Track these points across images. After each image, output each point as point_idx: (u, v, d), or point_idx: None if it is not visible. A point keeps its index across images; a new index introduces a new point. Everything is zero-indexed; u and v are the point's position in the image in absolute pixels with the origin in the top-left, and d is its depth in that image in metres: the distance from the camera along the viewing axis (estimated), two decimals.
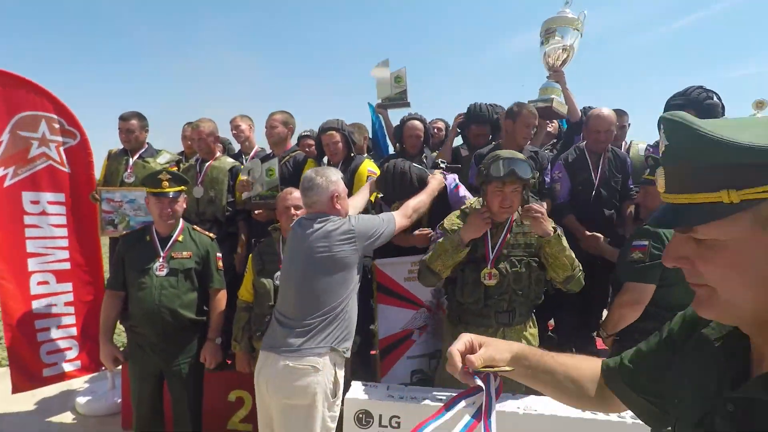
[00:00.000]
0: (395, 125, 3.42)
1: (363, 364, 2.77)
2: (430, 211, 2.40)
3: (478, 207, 2.04)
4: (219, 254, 2.54)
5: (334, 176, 1.98)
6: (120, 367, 2.69)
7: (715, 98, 2.41)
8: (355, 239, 1.91)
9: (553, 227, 1.93)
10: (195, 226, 2.56)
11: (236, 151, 3.96)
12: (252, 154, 3.63)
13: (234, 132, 3.68)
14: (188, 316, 2.35)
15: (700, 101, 2.40)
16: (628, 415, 1.74)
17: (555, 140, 3.51)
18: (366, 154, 3.27)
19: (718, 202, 0.53)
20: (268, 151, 3.52)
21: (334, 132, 2.91)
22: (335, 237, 1.88)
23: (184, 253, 2.38)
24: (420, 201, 2.19)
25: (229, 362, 2.66)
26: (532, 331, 2.13)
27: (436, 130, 3.77)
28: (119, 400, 3.11)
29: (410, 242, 2.51)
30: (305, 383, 1.82)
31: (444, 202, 2.46)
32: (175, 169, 3.54)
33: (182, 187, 2.39)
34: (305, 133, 4.11)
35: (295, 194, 2.37)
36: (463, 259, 1.99)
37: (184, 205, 2.45)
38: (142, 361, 2.38)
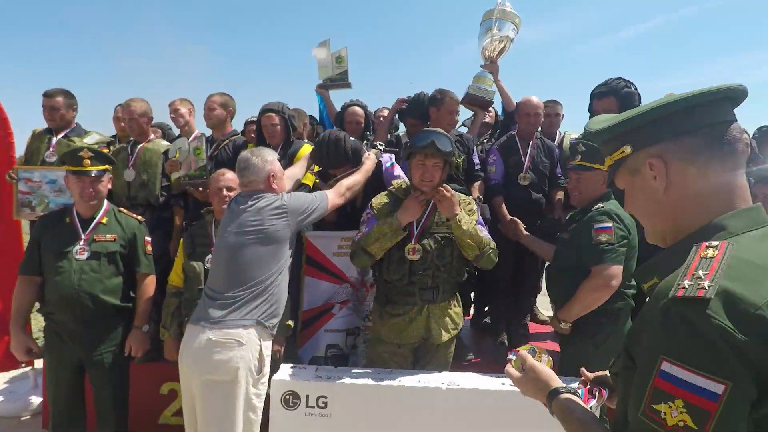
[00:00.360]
0: (337, 111, 3.41)
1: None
2: (364, 192, 2.42)
3: (404, 187, 2.12)
4: (148, 238, 2.43)
5: (270, 156, 2.02)
6: (42, 363, 2.53)
7: (632, 88, 2.60)
8: (287, 214, 1.94)
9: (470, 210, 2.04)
10: (122, 209, 2.44)
11: (176, 135, 3.82)
12: (191, 138, 3.49)
13: (173, 116, 3.53)
14: (111, 302, 2.24)
15: (618, 89, 2.61)
16: None
17: (492, 130, 3.60)
18: (306, 140, 3.23)
19: (612, 164, 0.84)
20: (209, 135, 3.42)
21: (273, 114, 2.87)
22: (267, 211, 1.91)
23: (108, 236, 2.26)
24: (354, 180, 2.22)
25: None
26: (457, 309, 2.20)
27: (382, 119, 3.78)
28: (41, 400, 2.93)
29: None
30: (227, 357, 1.78)
31: (379, 182, 2.48)
32: (105, 150, 3.37)
33: (106, 166, 2.27)
34: (252, 120, 4.02)
35: (228, 175, 2.34)
36: None
37: (108, 186, 2.33)
38: (59, 351, 2.24)
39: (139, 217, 2.46)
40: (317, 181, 2.87)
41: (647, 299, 0.76)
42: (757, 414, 0.60)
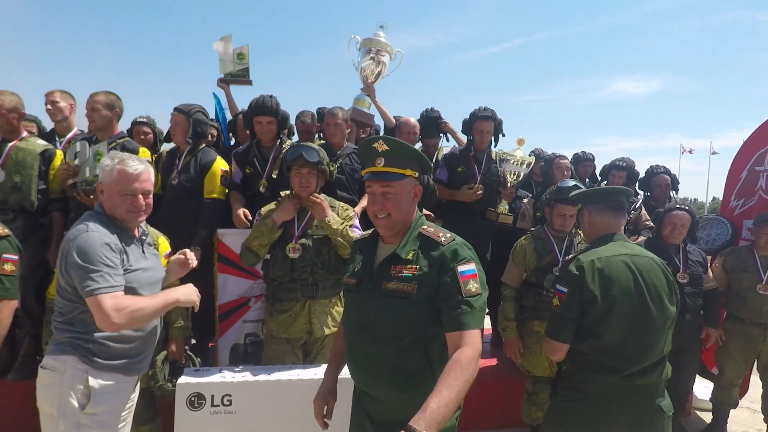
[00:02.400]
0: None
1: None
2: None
3: (289, 195, 2.45)
4: (7, 255, 1.96)
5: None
6: None
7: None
8: None
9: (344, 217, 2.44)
10: None
11: (47, 130, 3.51)
12: (69, 136, 3.27)
13: (49, 108, 3.24)
14: None
15: (495, 117, 3.44)
16: None
17: None
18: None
19: (400, 173, 1.42)
20: (87, 135, 3.22)
21: (176, 113, 3.01)
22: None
23: None
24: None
25: None
26: (338, 309, 2.51)
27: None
28: None
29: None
30: (44, 385, 1.63)
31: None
32: None
33: None
34: (141, 120, 3.85)
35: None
36: (277, 239, 2.38)
37: None
38: None
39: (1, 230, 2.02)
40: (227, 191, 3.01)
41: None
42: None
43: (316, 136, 3.69)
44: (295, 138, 3.72)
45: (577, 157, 4.18)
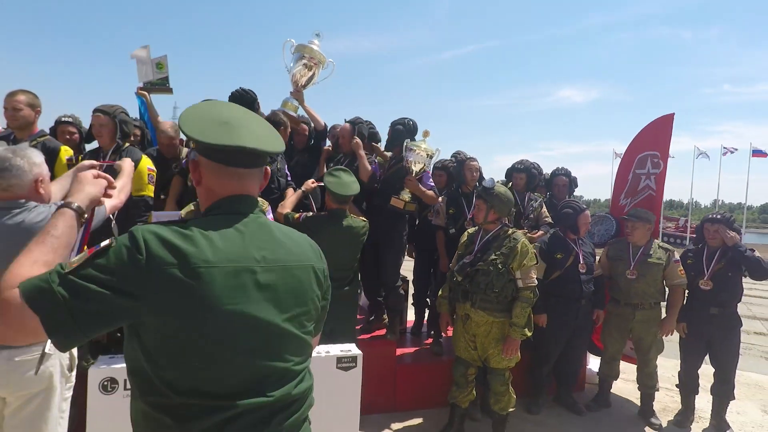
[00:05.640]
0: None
1: None
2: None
3: None
4: None
5: (38, 158, 1.77)
6: None
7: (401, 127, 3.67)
8: None
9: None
10: None
11: None
12: None
13: None
14: None
15: (393, 125, 3.71)
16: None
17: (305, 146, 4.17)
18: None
19: None
20: (7, 132, 3.22)
21: (100, 114, 3.03)
22: (42, 225, 1.64)
23: None
24: (122, 182, 1.92)
25: None
26: None
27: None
28: None
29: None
30: (40, 370, 1.76)
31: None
32: None
33: None
34: (66, 120, 3.84)
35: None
36: None
37: None
38: None
39: None
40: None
41: None
42: None
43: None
44: None
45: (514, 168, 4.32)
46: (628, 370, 4.11)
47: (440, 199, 3.94)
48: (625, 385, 4.21)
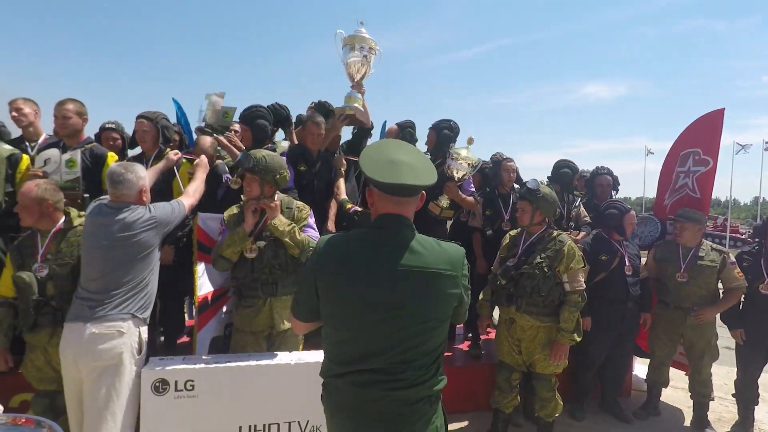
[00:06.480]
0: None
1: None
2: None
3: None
4: None
5: (142, 172, 2.31)
6: None
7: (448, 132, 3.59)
8: (157, 225, 2.27)
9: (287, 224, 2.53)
10: None
11: (12, 137, 3.58)
12: (41, 141, 3.37)
13: (15, 115, 3.33)
14: None
15: (440, 129, 3.63)
16: None
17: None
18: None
19: None
20: (56, 139, 3.34)
21: (144, 120, 3.09)
22: (139, 224, 2.21)
23: None
24: (197, 184, 2.65)
25: (11, 366, 2.45)
26: None
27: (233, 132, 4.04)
28: None
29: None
30: (111, 345, 2.09)
31: None
32: None
33: None
34: (109, 126, 3.95)
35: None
36: None
37: None
38: None
39: None
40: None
41: None
42: None
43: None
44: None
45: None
46: (677, 377, 3.93)
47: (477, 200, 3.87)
48: (675, 393, 4.03)
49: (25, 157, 3.11)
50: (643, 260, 3.75)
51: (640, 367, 4.25)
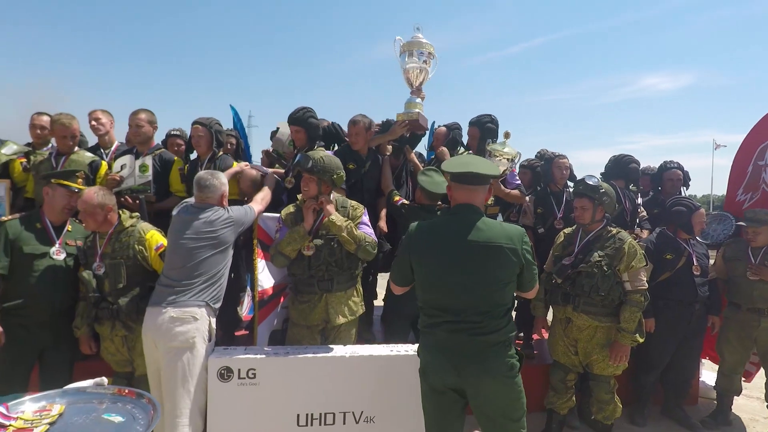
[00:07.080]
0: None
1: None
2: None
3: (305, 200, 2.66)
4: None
5: (224, 179, 2.62)
6: None
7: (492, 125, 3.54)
8: (233, 224, 2.53)
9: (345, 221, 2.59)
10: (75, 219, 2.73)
11: (89, 144, 3.94)
12: (114, 149, 3.69)
13: (94, 124, 3.66)
14: (73, 295, 2.64)
15: (482, 123, 3.55)
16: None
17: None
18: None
19: None
20: (127, 147, 3.63)
21: (198, 126, 3.30)
22: (219, 222, 2.47)
23: (75, 240, 2.66)
24: (265, 192, 2.92)
25: (95, 351, 2.67)
26: (355, 299, 2.75)
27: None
28: None
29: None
30: (186, 329, 2.30)
31: None
32: (23, 160, 3.44)
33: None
34: (174, 133, 4.25)
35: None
36: None
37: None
38: (24, 342, 2.50)
39: None
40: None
41: None
42: None
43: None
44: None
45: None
46: (750, 386, 3.66)
47: (527, 198, 3.79)
48: (749, 402, 3.75)
49: (104, 163, 3.42)
50: (712, 260, 3.52)
51: (708, 374, 3.99)
